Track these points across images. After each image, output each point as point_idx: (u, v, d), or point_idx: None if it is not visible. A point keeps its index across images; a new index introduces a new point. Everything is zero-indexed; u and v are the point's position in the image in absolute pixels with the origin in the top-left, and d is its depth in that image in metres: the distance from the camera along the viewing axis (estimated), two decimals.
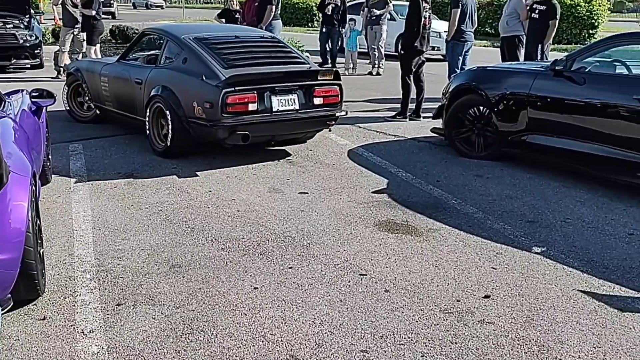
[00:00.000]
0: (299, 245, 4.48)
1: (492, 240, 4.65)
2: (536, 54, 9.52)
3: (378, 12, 13.24)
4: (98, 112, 8.17)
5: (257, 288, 3.82)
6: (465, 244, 4.58)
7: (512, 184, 6.02)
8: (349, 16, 14.12)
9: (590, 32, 23.54)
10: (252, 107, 6.11)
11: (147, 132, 6.85)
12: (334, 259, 4.27)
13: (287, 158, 6.79)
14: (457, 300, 3.71)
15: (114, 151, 6.99)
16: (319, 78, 6.52)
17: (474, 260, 4.30)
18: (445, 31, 11.34)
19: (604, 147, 5.67)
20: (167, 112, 6.43)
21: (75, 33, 12.45)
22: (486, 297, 3.76)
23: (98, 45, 12.57)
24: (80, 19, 12.23)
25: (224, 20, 11.96)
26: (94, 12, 12.09)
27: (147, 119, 6.81)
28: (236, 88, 6.02)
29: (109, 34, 18.96)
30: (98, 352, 3.13)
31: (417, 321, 3.47)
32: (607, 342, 3.29)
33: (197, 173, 6.18)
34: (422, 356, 3.14)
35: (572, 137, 5.93)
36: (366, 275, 4.03)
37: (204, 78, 6.20)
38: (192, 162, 6.53)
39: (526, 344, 3.25)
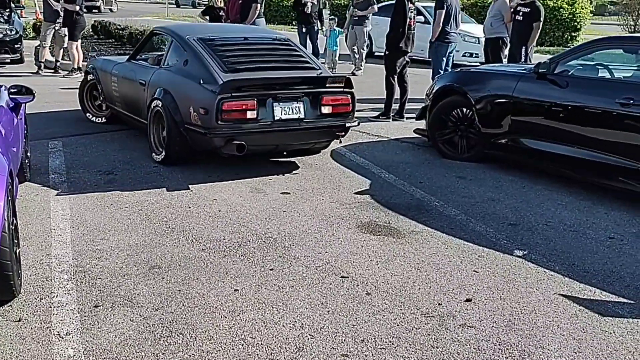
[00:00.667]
0: (280, 247, 4.45)
1: (474, 242, 4.64)
2: (520, 56, 9.56)
3: (360, 13, 13.16)
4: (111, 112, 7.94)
5: (238, 290, 3.78)
6: (447, 246, 4.57)
7: (494, 186, 6.02)
8: (330, 15, 14.00)
9: (573, 34, 23.67)
10: (250, 115, 5.69)
11: (148, 136, 6.57)
12: (316, 260, 4.24)
13: (269, 158, 6.74)
14: (439, 304, 3.69)
15: (95, 149, 6.90)
16: (327, 85, 6.05)
17: (456, 263, 4.29)
18: (482, 37, 11.23)
19: (586, 151, 5.68)
20: (164, 116, 6.13)
21: (56, 28, 12.31)
22: (468, 300, 3.75)
23: (79, 41, 12.42)
24: (62, 13, 12.09)
25: (207, 17, 11.88)
26: (77, 7, 11.96)
27: (148, 122, 6.52)
28: (233, 94, 5.62)
29: (91, 30, 18.78)
30: (74, 355, 3.07)
31: (398, 325, 3.44)
32: (588, 347, 3.29)
33: (179, 172, 6.12)
34: None
35: (555, 140, 5.94)
36: (348, 277, 4.01)
37: (201, 82, 5.85)
38: (174, 163, 6.45)
39: (507, 349, 3.24)
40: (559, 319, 3.56)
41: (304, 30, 13.49)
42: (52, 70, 12.58)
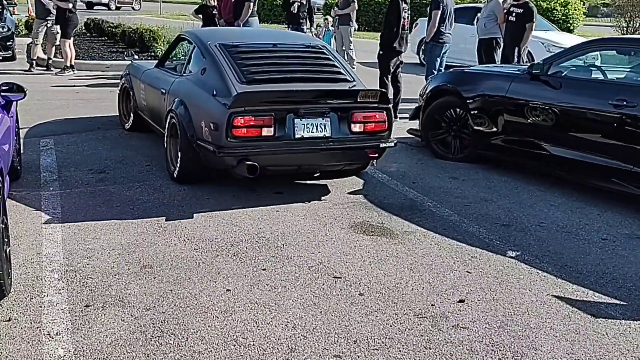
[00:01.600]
0: (273, 247, 4.43)
1: (467, 243, 4.64)
2: (513, 57, 9.58)
3: (340, 12, 13.07)
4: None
5: (230, 290, 3.76)
6: (440, 247, 4.56)
7: (487, 186, 6.02)
8: (322, 15, 13.93)
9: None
10: (267, 132, 5.02)
11: (165, 150, 5.99)
12: (309, 261, 4.22)
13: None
14: (432, 305, 3.68)
15: (86, 147, 6.86)
16: (359, 100, 5.27)
17: (449, 263, 4.28)
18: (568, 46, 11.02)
19: (579, 152, 5.69)
20: (178, 129, 5.56)
21: (48, 25, 12.24)
22: (461, 301, 3.74)
23: (72, 39, 12.35)
24: (54, 11, 12.03)
25: (201, 16, 11.83)
26: (70, 5, 11.89)
27: (165, 134, 5.98)
28: (246, 108, 4.96)
29: (83, 27, 18.71)
30: (64, 355, 3.05)
31: (391, 326, 3.43)
32: (580, 348, 3.28)
33: None
34: None
35: (548, 141, 5.95)
36: (341, 278, 3.99)
37: (214, 93, 5.26)
38: None
39: (500, 350, 3.24)
40: (551, 320, 3.55)
41: (291, 30, 13.35)
42: (44, 68, 12.51)
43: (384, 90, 5.40)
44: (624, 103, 5.32)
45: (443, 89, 7.06)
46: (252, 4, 11.10)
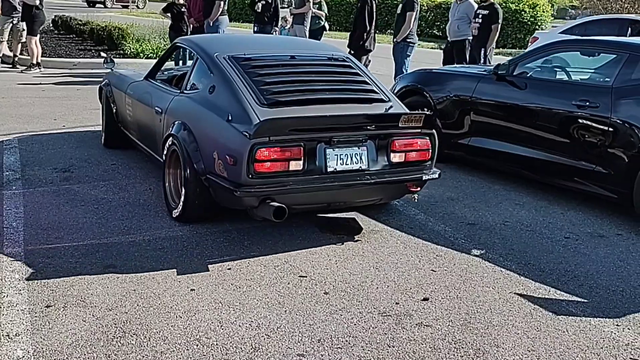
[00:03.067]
0: (238, 245, 4.41)
1: (432, 242, 4.67)
2: (479, 58, 9.70)
3: (295, 11, 13.04)
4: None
5: (194, 290, 3.74)
6: (406, 245, 4.59)
7: (454, 186, 6.07)
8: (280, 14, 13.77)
9: None
10: (295, 166, 4.19)
11: (163, 182, 5.10)
12: (274, 260, 4.22)
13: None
14: (396, 303, 3.70)
15: (51, 146, 6.77)
16: (400, 125, 4.46)
17: (414, 262, 4.31)
18: None
19: (543, 152, 5.76)
20: (181, 160, 4.69)
21: (14, 22, 12.04)
22: (425, 299, 3.76)
23: (38, 36, 12.17)
24: (19, 7, 11.84)
25: (169, 15, 11.74)
26: (37, 2, 11.70)
27: (163, 163, 5.08)
28: (271, 138, 4.09)
29: (51, 24, 18.45)
30: (23, 357, 3.00)
31: (355, 324, 3.44)
32: (542, 345, 3.33)
33: (137, 170, 6.03)
34: None
35: (514, 141, 6.01)
36: (306, 277, 3.99)
37: (229, 118, 4.35)
38: (133, 158, 6.37)
39: (462, 347, 3.26)
40: (514, 318, 3.59)
41: (256, 30, 13.24)
42: (10, 65, 12.32)
43: (429, 113, 4.65)
44: (587, 104, 5.40)
45: (411, 88, 7.10)
46: (222, 2, 11.05)
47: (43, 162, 6.17)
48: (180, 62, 10.68)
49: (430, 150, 4.69)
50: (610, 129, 5.23)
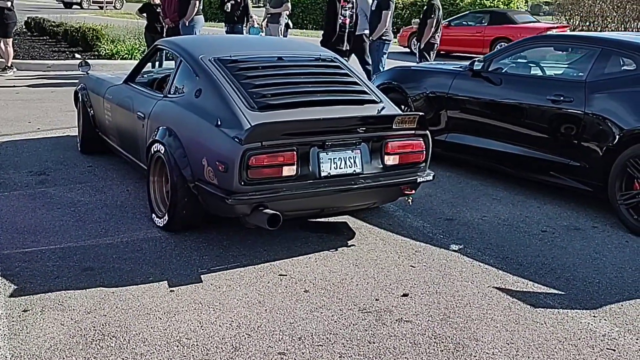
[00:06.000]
0: (217, 246, 4.40)
1: (411, 238, 4.69)
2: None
3: (273, 11, 13.01)
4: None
5: (174, 291, 3.72)
6: (385, 242, 4.60)
7: (431, 182, 6.06)
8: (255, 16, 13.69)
9: None
10: (288, 171, 4.06)
11: (147, 190, 4.93)
12: (254, 259, 4.21)
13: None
14: (376, 299, 3.72)
15: (26, 148, 6.69)
16: (394, 126, 4.39)
17: (394, 258, 4.33)
18: None
19: (520, 147, 5.81)
20: (167, 167, 4.53)
21: None
22: (404, 295, 3.78)
23: (11, 38, 12.02)
24: None
25: (145, 15, 11.66)
26: (8, 3, 11.55)
27: (147, 171, 4.91)
28: (264, 143, 3.98)
29: (24, 26, 18.23)
30: None
31: (335, 321, 3.45)
32: (520, 337, 3.36)
33: (114, 172, 5.98)
34: (339, 357, 3.12)
35: (490, 137, 6.06)
36: (286, 275, 3.99)
37: (218, 123, 4.22)
38: (109, 160, 6.32)
39: (442, 342, 3.29)
40: (492, 312, 3.63)
41: (227, 29, 13.13)
42: None
43: (422, 113, 4.58)
44: (561, 98, 5.46)
45: (387, 86, 7.11)
46: (198, 2, 10.99)
47: (18, 165, 6.10)
48: (157, 64, 10.63)
49: (425, 152, 4.60)
50: (584, 123, 5.30)
